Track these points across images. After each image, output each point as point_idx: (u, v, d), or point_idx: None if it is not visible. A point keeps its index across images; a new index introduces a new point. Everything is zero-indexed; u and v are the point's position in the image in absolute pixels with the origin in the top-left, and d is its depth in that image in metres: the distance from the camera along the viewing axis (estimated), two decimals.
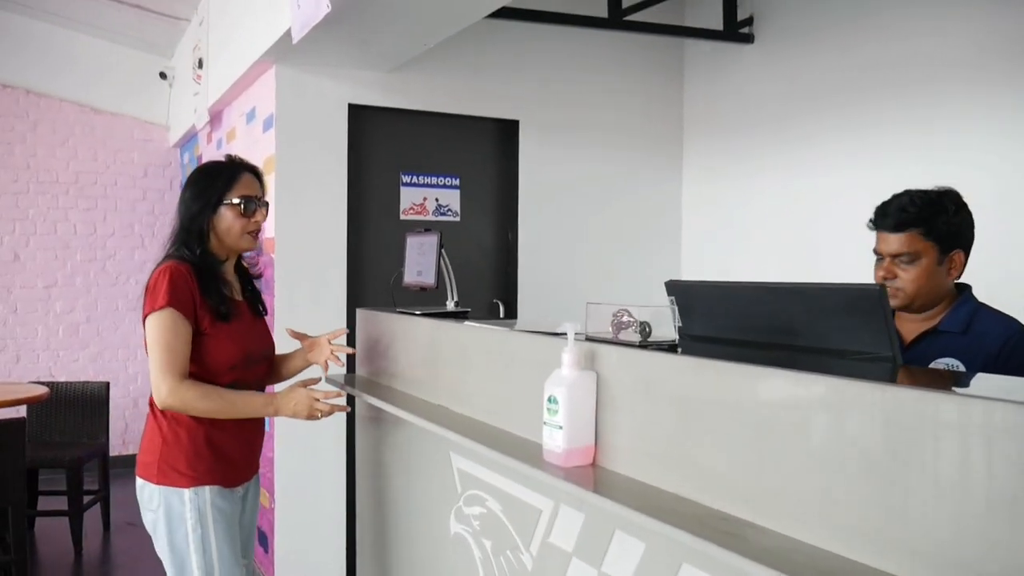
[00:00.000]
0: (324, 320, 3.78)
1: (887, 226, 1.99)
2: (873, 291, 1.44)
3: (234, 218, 2.25)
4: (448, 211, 4.20)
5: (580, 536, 1.68)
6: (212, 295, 2.19)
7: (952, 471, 1.01)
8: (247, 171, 2.32)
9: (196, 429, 2.18)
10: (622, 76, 4.48)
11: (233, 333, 2.22)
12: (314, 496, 3.81)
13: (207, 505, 2.16)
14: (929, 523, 1.03)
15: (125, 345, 6.45)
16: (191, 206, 2.25)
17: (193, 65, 5.22)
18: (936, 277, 1.98)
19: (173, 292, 2.11)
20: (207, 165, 2.37)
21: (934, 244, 1.96)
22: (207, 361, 2.17)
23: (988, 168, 3.01)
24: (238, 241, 2.27)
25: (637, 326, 1.60)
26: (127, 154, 6.46)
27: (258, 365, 2.34)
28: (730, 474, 1.32)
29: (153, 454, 2.18)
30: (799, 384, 1.23)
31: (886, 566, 1.08)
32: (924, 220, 1.95)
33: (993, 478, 0.97)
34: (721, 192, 4.38)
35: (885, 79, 3.48)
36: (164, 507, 2.16)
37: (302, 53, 3.59)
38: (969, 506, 0.99)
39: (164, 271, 2.15)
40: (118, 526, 5.05)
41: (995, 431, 0.97)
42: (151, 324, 2.13)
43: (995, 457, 0.97)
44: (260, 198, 2.31)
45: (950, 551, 1.01)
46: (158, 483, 2.16)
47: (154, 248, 6.47)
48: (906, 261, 1.97)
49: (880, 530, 1.09)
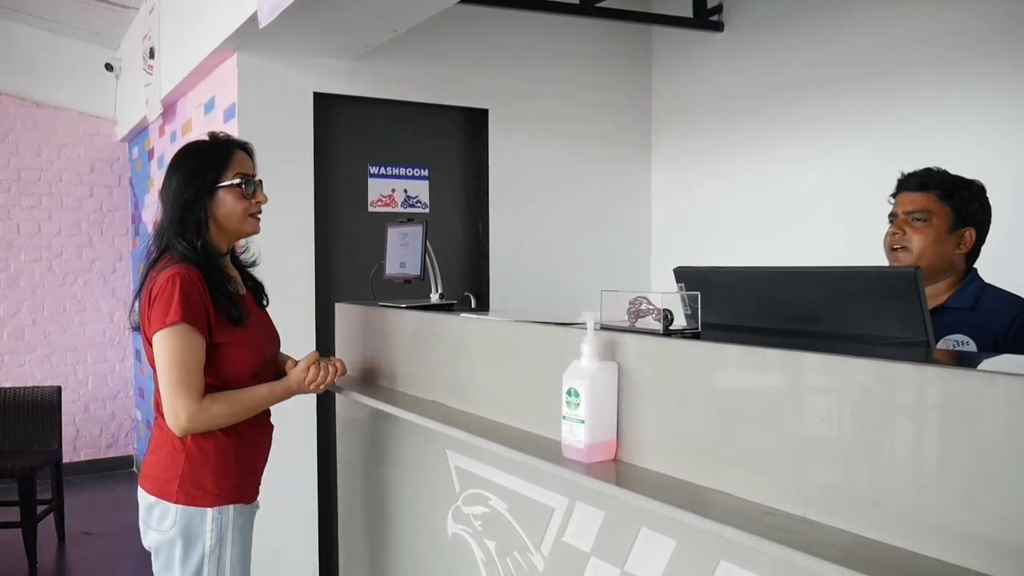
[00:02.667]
0: (292, 314, 3.66)
1: (910, 186, 2.06)
2: (908, 273, 1.40)
3: (235, 201, 2.06)
4: (417, 202, 4.10)
5: (600, 534, 1.61)
6: (223, 299, 2.00)
7: (1007, 452, 0.97)
8: (239, 148, 2.13)
9: (226, 444, 2.02)
10: (591, 65, 4.42)
11: (249, 338, 2.05)
12: (285, 496, 3.68)
13: (229, 525, 2.01)
14: (995, 511, 0.99)
15: (74, 347, 6.20)
16: (183, 193, 2.03)
17: (143, 55, 5.02)
18: (943, 244, 2.01)
19: (186, 304, 1.91)
20: (193, 147, 2.15)
21: (949, 211, 2.01)
22: (225, 372, 2.01)
23: (957, 159, 3.01)
24: (241, 225, 2.09)
25: (657, 313, 1.54)
26: (72, 149, 6.20)
27: (273, 363, 2.20)
28: (771, 466, 1.26)
29: (173, 470, 1.99)
30: (844, 369, 1.18)
31: (954, 558, 1.03)
32: (943, 186, 2.02)
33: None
34: (690, 180, 4.36)
35: (854, 69, 3.48)
36: (181, 527, 1.97)
37: (265, 40, 3.45)
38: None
39: (172, 279, 1.92)
40: (73, 536, 4.85)
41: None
42: (163, 341, 1.91)
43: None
44: (256, 176, 2.13)
45: (1013, 539, 0.96)
46: (177, 502, 1.97)
47: (103, 246, 6.25)
48: (919, 219, 2.02)
49: (939, 519, 1.04)
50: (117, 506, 5.47)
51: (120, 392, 6.37)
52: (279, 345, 2.28)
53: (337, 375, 2.16)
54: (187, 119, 4.51)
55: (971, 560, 1.01)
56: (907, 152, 3.14)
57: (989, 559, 0.99)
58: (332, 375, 2.14)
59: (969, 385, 1.04)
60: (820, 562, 1.05)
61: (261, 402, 2.06)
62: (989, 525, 1.00)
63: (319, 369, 2.12)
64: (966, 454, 1.03)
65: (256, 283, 2.28)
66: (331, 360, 2.18)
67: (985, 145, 2.98)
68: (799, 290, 1.58)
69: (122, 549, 4.64)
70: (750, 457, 1.29)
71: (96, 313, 6.25)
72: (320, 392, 2.18)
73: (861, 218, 2.74)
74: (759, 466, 1.28)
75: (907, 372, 1.11)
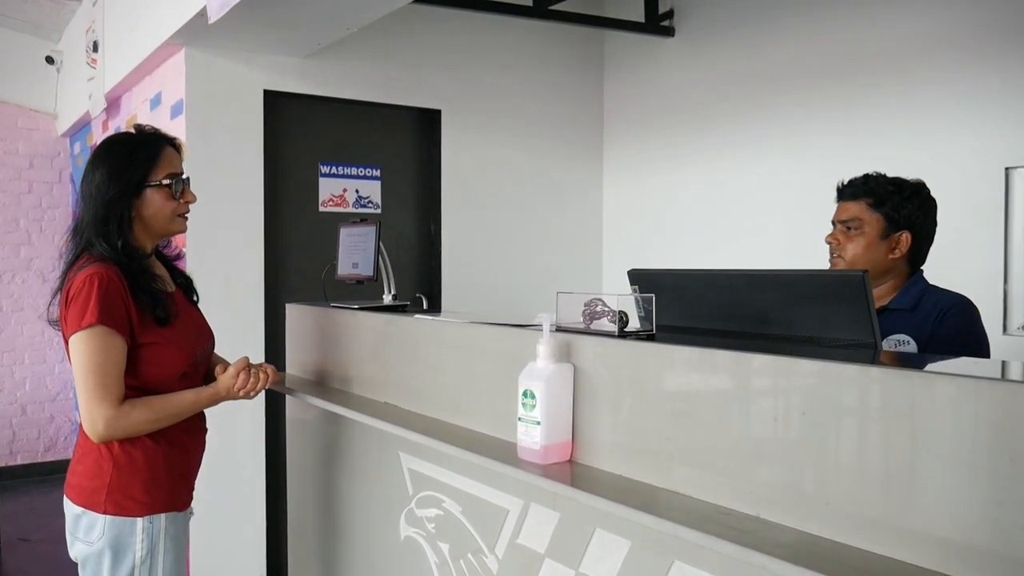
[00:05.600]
0: (241, 315, 3.61)
1: (845, 195, 2.14)
2: (856, 277, 1.43)
3: (163, 201, 1.95)
4: (369, 203, 4.07)
5: (555, 536, 1.62)
6: (147, 299, 1.89)
7: (951, 451, 1.00)
8: (168, 144, 2.00)
9: (154, 451, 1.92)
10: (544, 67, 4.44)
11: (177, 337, 1.96)
12: (232, 500, 3.62)
13: (160, 534, 1.93)
14: (938, 509, 1.02)
15: (11, 349, 6.01)
16: (106, 190, 1.90)
17: (87, 48, 4.89)
18: (875, 251, 2.08)
19: (103, 306, 1.80)
20: (117, 139, 2.02)
21: (880, 218, 2.07)
22: (153, 372, 1.91)
23: (910, 163, 3.10)
24: (168, 225, 1.99)
25: (612, 316, 1.55)
26: (10, 144, 6.01)
27: (205, 363, 2.11)
28: (725, 466, 1.28)
29: (99, 479, 1.89)
30: (793, 370, 1.20)
31: (902, 555, 1.05)
32: (875, 194, 2.08)
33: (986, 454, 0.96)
34: (641, 183, 4.40)
35: (804, 74, 3.55)
36: (109, 539, 1.89)
37: (214, 36, 3.39)
38: (977, 492, 0.97)
39: (90, 279, 1.82)
40: (8, 543, 4.70)
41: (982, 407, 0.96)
42: (78, 345, 1.83)
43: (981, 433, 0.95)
44: (184, 174, 2.02)
45: (958, 536, 0.99)
46: (105, 512, 1.88)
47: (42, 244, 6.07)
48: (851, 227, 2.10)
49: (887, 517, 1.07)
50: (55, 512, 5.27)
51: (59, 394, 6.20)
52: (213, 343, 2.18)
53: (268, 382, 2.07)
54: (132, 115, 4.41)
55: (918, 557, 1.04)
56: (856, 155, 3.23)
57: (935, 555, 1.02)
58: (263, 382, 2.04)
59: (912, 386, 1.07)
60: (773, 560, 1.07)
61: (185, 409, 1.96)
62: (935, 522, 1.02)
63: (249, 375, 2.02)
64: (911, 453, 1.06)
65: (186, 279, 2.18)
66: (262, 366, 2.07)
67: (930, 150, 3.06)
68: (751, 293, 1.61)
69: (60, 556, 4.47)
70: (704, 458, 1.31)
71: (34, 312, 6.06)
72: (250, 399, 2.08)
73: (808, 222, 2.79)
74: (712, 466, 1.29)
75: (853, 373, 1.14)
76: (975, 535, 0.99)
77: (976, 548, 0.98)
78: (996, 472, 0.97)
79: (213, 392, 2.00)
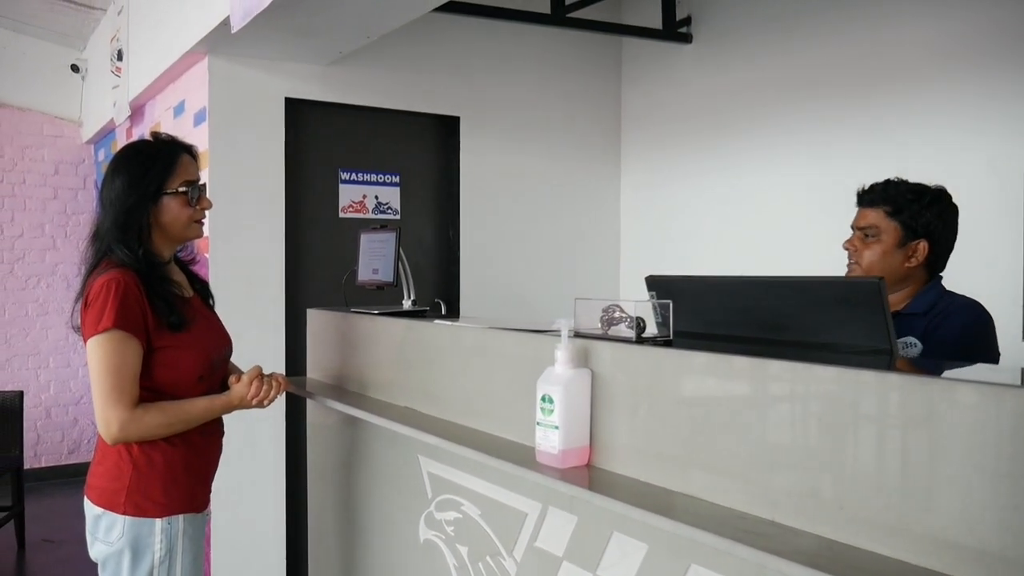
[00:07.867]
0: (262, 320, 3.65)
1: (864, 201, 2.13)
2: (872, 284, 1.44)
3: (180, 208, 2.00)
4: (388, 209, 4.10)
5: (573, 539, 1.63)
6: (163, 305, 1.93)
7: (967, 456, 1.00)
8: (184, 152, 2.05)
9: (172, 453, 1.96)
10: (562, 74, 4.46)
11: (193, 341, 1.99)
12: (253, 503, 3.66)
13: (179, 535, 1.97)
14: (954, 515, 1.02)
15: (36, 352, 6.10)
16: (126, 198, 1.96)
17: (111, 57, 4.96)
18: (891, 258, 2.07)
19: (120, 310, 1.84)
20: (135, 148, 2.07)
21: (898, 226, 2.06)
22: (169, 375, 1.95)
23: (928, 168, 3.09)
24: (185, 231, 2.04)
25: (630, 322, 1.56)
26: (36, 151, 6.11)
27: (223, 367, 2.14)
28: (741, 471, 1.29)
29: (119, 481, 1.94)
30: (810, 376, 1.21)
31: (917, 560, 1.06)
32: (893, 201, 2.07)
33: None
34: (660, 190, 4.41)
35: (822, 80, 3.55)
36: (129, 539, 1.93)
37: (237, 44, 3.44)
38: (994, 497, 0.98)
39: (108, 284, 1.86)
40: (34, 543, 4.77)
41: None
42: (94, 348, 1.86)
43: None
44: (200, 181, 2.07)
45: (974, 541, 1.00)
46: (125, 513, 1.93)
47: (67, 249, 6.16)
48: (868, 235, 2.09)
49: (903, 522, 1.08)
50: (78, 513, 5.32)
51: (83, 397, 6.27)
52: (230, 348, 2.21)
53: (280, 390, 2.10)
54: (156, 122, 4.47)
55: (934, 561, 1.05)
56: (874, 161, 3.22)
57: (950, 560, 1.03)
58: (275, 391, 2.08)
59: (929, 392, 1.08)
60: (789, 564, 1.08)
61: (198, 415, 1.99)
62: (950, 527, 1.03)
63: (262, 384, 2.06)
64: (927, 458, 1.07)
65: (203, 284, 2.22)
66: (273, 375, 2.11)
67: (949, 155, 3.05)
68: (767, 299, 1.62)
69: (83, 557, 4.52)
70: (720, 462, 1.32)
71: (59, 317, 6.14)
72: (263, 408, 2.12)
73: (828, 227, 2.80)
74: (729, 471, 1.31)
75: (870, 379, 1.15)
76: (991, 540, 0.99)
77: (991, 553, 0.99)
78: (1013, 478, 0.98)
79: (227, 400, 2.04)
